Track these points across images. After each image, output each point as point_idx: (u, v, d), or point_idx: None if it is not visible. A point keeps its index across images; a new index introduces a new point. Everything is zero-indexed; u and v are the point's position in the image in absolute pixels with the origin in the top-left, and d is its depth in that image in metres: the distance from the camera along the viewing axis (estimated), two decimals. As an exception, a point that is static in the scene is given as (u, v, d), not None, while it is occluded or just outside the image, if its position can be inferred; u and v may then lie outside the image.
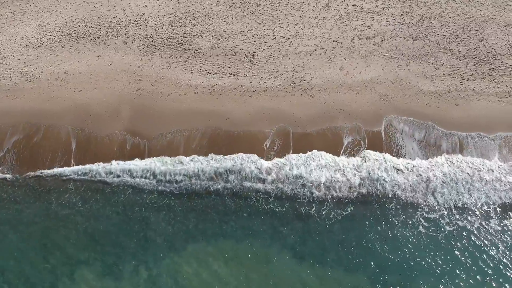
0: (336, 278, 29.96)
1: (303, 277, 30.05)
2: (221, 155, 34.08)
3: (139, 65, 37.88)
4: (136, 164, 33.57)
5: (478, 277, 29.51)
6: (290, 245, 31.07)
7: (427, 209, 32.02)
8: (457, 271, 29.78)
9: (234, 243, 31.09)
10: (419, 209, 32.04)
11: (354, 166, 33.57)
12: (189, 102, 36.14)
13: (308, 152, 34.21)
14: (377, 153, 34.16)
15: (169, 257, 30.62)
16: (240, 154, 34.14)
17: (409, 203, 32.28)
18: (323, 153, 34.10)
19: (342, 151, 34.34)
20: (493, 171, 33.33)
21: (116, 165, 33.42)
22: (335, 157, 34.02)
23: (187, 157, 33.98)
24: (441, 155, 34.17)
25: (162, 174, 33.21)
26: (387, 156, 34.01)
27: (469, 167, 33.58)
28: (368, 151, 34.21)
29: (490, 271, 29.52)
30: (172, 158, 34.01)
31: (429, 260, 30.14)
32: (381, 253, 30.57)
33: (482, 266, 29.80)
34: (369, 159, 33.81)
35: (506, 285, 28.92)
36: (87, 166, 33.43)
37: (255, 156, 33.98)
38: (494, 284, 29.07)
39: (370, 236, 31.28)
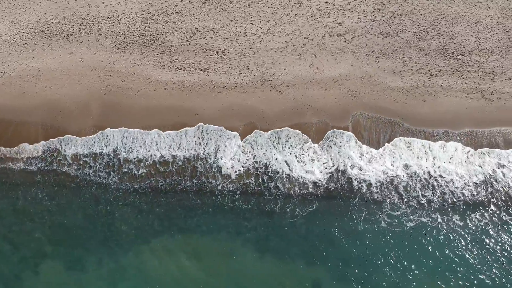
0: (297, 271, 30.33)
1: (265, 270, 30.41)
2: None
3: (110, 62, 38.17)
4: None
5: (436, 270, 29.88)
6: (254, 239, 31.40)
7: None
8: (418, 265, 30.14)
9: (198, 238, 31.42)
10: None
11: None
12: (158, 98, 36.46)
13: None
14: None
15: (134, 250, 31.00)
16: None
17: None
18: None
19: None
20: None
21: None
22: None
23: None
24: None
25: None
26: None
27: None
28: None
29: (448, 265, 29.87)
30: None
31: (389, 254, 30.48)
32: (343, 247, 30.96)
33: (440, 260, 30.14)
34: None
35: (465, 278, 29.30)
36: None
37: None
38: (451, 277, 29.44)
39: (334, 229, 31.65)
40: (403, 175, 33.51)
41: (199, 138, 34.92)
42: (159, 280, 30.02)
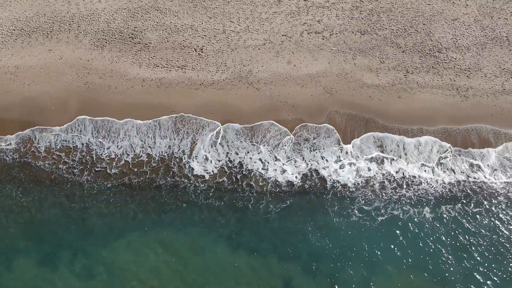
0: (269, 266, 30.52)
1: (237, 265, 30.60)
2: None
3: (89, 59, 38.39)
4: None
5: (408, 263, 30.08)
6: (227, 235, 31.60)
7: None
8: (389, 260, 30.33)
9: (171, 233, 31.61)
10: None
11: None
12: (135, 95, 36.67)
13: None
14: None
15: (107, 246, 31.15)
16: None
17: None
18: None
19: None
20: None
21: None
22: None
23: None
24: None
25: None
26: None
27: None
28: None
29: (418, 258, 30.09)
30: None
31: (360, 248, 30.68)
32: (315, 242, 31.15)
33: (412, 254, 30.34)
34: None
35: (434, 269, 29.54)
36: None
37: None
38: (422, 270, 29.66)
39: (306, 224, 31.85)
40: (376, 172, 33.69)
41: (173, 132, 35.08)
42: (132, 275, 30.17)
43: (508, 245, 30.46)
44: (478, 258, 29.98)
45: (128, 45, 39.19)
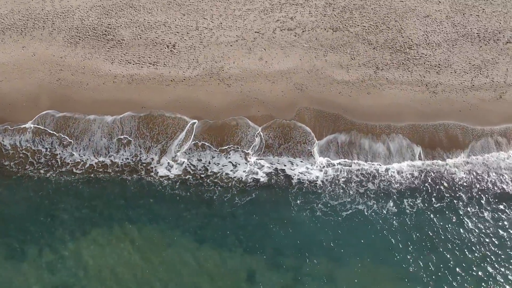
0: (233, 260, 30.75)
1: (202, 259, 30.85)
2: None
3: (62, 56, 38.62)
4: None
5: (370, 256, 30.31)
6: (193, 229, 31.83)
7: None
8: (352, 252, 30.56)
9: (137, 228, 31.84)
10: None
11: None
12: (107, 91, 36.90)
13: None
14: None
15: (73, 241, 31.37)
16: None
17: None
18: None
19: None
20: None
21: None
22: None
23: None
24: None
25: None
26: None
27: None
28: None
29: (381, 251, 30.34)
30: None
31: (324, 242, 30.90)
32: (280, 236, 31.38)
33: (374, 246, 30.59)
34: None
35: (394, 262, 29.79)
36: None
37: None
38: (384, 262, 29.90)
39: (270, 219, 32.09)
40: (342, 170, 33.91)
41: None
42: (98, 270, 30.39)
43: (467, 235, 30.66)
44: (440, 252, 30.20)
45: (101, 42, 39.42)
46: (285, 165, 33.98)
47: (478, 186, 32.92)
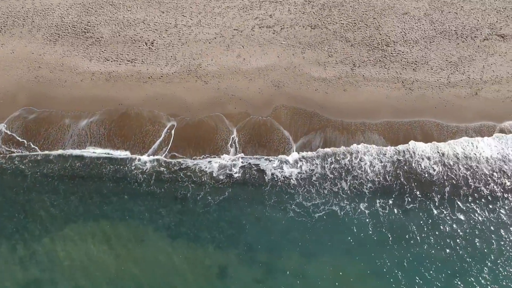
0: (206, 256, 30.93)
1: (175, 255, 31.02)
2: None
3: (40, 53, 38.80)
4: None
5: (341, 254, 30.46)
6: (166, 225, 32.00)
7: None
8: (323, 250, 30.70)
9: (112, 224, 32.01)
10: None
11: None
12: (84, 88, 37.06)
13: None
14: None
15: (47, 236, 31.56)
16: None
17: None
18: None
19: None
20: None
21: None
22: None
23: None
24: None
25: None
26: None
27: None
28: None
29: (351, 247, 30.49)
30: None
31: (296, 239, 31.04)
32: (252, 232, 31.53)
33: (345, 244, 30.73)
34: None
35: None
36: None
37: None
38: (354, 258, 30.05)
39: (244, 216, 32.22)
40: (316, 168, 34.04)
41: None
42: (72, 265, 30.57)
43: (433, 231, 30.82)
44: (408, 248, 30.36)
45: (81, 40, 39.58)
46: (259, 161, 34.10)
47: (449, 181, 33.04)
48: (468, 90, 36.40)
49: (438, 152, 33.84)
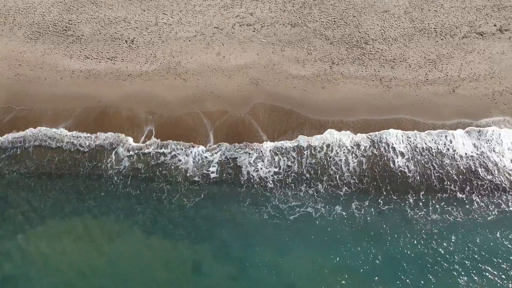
0: (180, 252, 31.12)
1: (150, 251, 31.22)
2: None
3: (21, 51, 39.00)
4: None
5: (316, 252, 30.63)
6: (142, 222, 32.18)
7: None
8: (298, 246, 30.88)
9: (86, 220, 32.22)
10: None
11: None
12: (64, 86, 37.26)
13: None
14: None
15: (22, 233, 31.76)
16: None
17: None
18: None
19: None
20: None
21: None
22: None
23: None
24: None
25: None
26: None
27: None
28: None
29: (326, 243, 30.66)
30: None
31: (269, 236, 31.22)
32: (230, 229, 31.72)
33: (320, 239, 30.90)
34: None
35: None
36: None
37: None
38: (329, 254, 30.22)
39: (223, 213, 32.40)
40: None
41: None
42: (47, 262, 30.79)
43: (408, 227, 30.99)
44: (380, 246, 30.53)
45: (61, 38, 39.77)
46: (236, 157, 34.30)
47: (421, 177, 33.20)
48: (445, 88, 36.50)
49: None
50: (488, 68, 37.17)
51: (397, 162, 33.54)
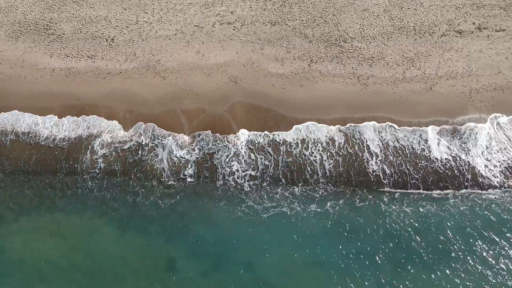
0: (156, 249, 31.28)
1: (125, 247, 31.39)
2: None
3: (2, 50, 39.24)
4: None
5: (289, 244, 30.78)
6: (117, 218, 32.36)
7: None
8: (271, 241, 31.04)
9: (62, 217, 32.41)
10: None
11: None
12: (44, 84, 37.48)
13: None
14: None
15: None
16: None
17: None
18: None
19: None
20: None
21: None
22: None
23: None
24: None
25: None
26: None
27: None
28: (207, 130, 35.49)
29: (298, 241, 30.80)
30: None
31: (243, 234, 31.38)
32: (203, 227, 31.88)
33: (292, 236, 31.06)
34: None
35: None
36: None
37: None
38: (302, 251, 30.36)
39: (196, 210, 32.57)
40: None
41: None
42: (23, 259, 30.97)
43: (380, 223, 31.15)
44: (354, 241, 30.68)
45: (42, 36, 39.99)
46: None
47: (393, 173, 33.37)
48: (423, 86, 36.65)
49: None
50: (466, 66, 37.33)
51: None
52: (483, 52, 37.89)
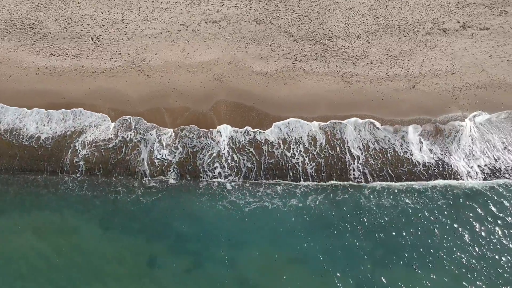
0: (137, 246, 31.38)
1: (107, 245, 31.49)
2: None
3: (-13, 48, 39.41)
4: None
5: (270, 242, 30.90)
6: (100, 216, 32.48)
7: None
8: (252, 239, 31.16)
9: (43, 215, 32.52)
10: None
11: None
12: (29, 82, 37.58)
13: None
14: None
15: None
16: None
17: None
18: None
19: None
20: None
21: None
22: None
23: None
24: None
25: None
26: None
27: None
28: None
29: (279, 238, 30.93)
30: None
31: (225, 231, 31.51)
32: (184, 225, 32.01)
33: (274, 234, 31.18)
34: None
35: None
36: None
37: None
38: (282, 249, 30.48)
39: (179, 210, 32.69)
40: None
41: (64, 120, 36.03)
42: (6, 258, 31.10)
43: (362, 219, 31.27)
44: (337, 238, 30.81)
45: (28, 35, 40.14)
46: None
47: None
48: (406, 84, 36.75)
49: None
50: (450, 64, 37.45)
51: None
52: (467, 50, 38.01)
